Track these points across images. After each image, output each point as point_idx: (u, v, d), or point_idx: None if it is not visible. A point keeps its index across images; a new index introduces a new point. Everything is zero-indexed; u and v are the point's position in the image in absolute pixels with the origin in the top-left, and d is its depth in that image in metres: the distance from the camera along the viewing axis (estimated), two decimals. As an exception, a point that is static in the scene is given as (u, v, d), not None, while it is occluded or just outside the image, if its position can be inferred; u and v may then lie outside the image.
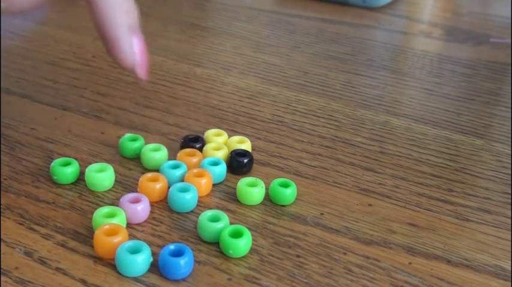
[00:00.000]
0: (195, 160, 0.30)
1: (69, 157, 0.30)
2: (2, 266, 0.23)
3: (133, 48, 0.23)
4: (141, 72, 0.24)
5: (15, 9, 0.22)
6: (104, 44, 0.23)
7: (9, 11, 0.22)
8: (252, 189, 0.28)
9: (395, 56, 0.51)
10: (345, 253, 0.25)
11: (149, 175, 0.28)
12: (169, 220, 0.27)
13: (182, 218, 0.27)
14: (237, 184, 0.28)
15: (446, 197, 0.30)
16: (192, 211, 0.27)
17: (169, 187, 0.28)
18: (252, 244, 0.25)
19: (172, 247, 0.23)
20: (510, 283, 0.24)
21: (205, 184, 0.28)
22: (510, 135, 0.36)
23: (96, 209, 0.26)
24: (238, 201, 0.28)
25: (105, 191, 0.28)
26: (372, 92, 0.42)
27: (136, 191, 0.28)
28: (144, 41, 0.24)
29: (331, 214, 0.28)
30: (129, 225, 0.26)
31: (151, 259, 0.23)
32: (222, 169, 0.29)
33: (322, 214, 0.28)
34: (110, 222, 0.25)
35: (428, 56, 0.50)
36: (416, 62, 0.48)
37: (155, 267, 0.23)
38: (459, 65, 0.48)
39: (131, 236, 0.25)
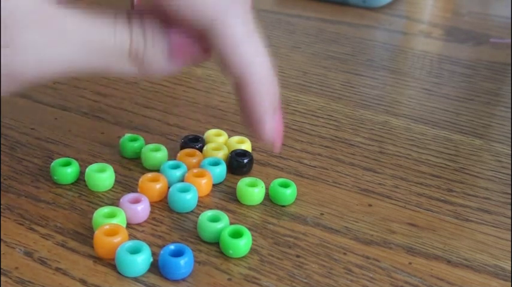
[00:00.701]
0: (195, 160, 0.30)
1: (69, 157, 0.30)
2: (2, 266, 0.23)
3: (274, 127, 0.24)
4: (277, 146, 0.25)
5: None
6: (245, 120, 0.24)
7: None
8: (252, 189, 0.28)
9: (395, 56, 0.51)
10: (345, 253, 0.25)
11: (149, 175, 0.28)
12: (169, 220, 0.27)
13: (182, 218, 0.27)
14: (237, 184, 0.28)
15: (446, 197, 0.30)
16: (192, 211, 0.27)
17: (169, 187, 0.28)
18: (252, 244, 0.25)
19: (172, 247, 0.23)
20: (510, 283, 0.24)
21: (205, 184, 0.28)
22: (510, 135, 0.36)
23: (96, 209, 0.26)
24: (238, 201, 0.28)
25: (105, 191, 0.28)
26: (371, 92, 0.42)
27: (137, 191, 0.28)
28: (281, 115, 0.25)
29: (331, 214, 0.28)
30: (129, 225, 0.26)
31: (151, 259, 0.23)
32: (222, 169, 0.29)
33: (322, 214, 0.28)
34: (110, 222, 0.25)
35: (428, 56, 0.50)
36: (416, 62, 0.49)
37: (155, 267, 0.23)
38: (459, 65, 0.48)
39: (131, 236, 0.25)
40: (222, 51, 0.21)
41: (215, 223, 0.25)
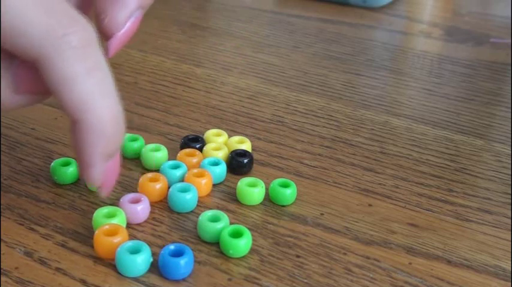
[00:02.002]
0: (195, 160, 0.30)
1: (69, 157, 0.30)
2: (2, 266, 0.23)
3: (102, 175, 0.22)
4: (104, 192, 0.23)
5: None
6: (76, 159, 0.22)
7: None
8: (252, 189, 0.28)
9: (395, 56, 0.51)
10: (345, 253, 0.25)
11: (149, 175, 0.28)
12: (169, 220, 0.27)
13: (182, 218, 0.27)
14: (237, 184, 0.28)
15: (446, 197, 0.30)
16: (192, 211, 0.27)
17: (169, 187, 0.28)
18: (252, 244, 0.25)
19: (172, 247, 0.23)
20: (510, 283, 0.24)
21: (205, 184, 0.28)
22: (510, 135, 0.36)
23: (96, 209, 0.26)
24: (238, 201, 0.28)
25: (105, 191, 0.28)
26: (372, 92, 0.42)
27: (137, 191, 0.28)
28: (118, 162, 0.23)
29: (331, 214, 0.28)
30: (129, 225, 0.26)
31: (151, 259, 0.23)
32: (222, 169, 0.29)
33: (322, 214, 0.28)
34: (110, 222, 0.25)
35: (428, 56, 0.50)
36: (416, 62, 0.48)
37: (155, 267, 0.23)
38: (459, 65, 0.48)
39: (131, 236, 0.25)
40: (52, 89, 0.19)
41: (215, 223, 0.25)
